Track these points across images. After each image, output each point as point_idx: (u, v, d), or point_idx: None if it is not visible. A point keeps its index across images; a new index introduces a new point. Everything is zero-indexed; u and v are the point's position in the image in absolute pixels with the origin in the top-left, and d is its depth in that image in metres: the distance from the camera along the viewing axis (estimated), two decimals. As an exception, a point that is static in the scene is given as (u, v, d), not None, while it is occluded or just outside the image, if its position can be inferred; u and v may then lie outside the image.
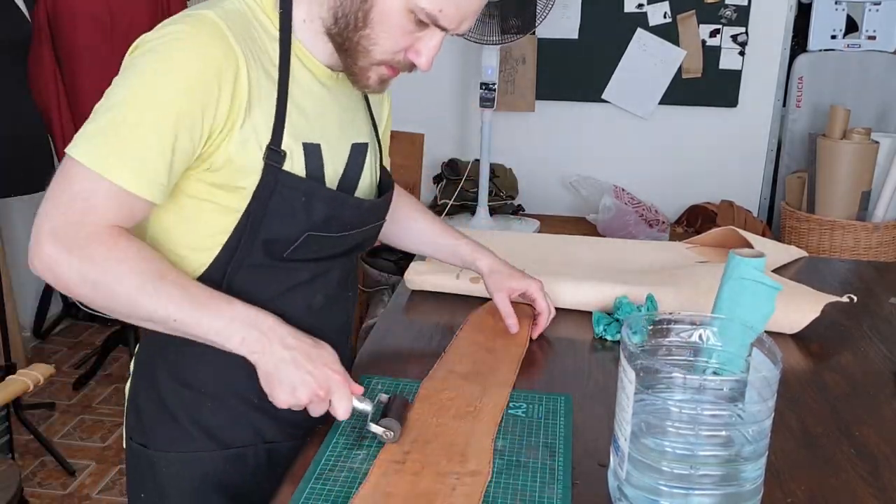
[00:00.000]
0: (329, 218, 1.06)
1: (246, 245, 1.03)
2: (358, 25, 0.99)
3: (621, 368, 0.88)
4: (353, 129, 1.13)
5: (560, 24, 3.04)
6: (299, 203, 1.03)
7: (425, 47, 1.01)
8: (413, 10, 0.97)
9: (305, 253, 1.07)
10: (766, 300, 1.07)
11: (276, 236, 1.04)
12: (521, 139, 3.22)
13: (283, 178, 1.01)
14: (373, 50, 1.01)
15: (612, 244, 1.86)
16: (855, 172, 2.71)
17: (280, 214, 1.02)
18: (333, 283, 1.14)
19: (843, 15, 3.05)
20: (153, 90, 0.93)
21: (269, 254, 1.05)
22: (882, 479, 0.98)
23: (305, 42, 1.05)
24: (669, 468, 0.84)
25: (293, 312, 1.07)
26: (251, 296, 1.02)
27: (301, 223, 1.04)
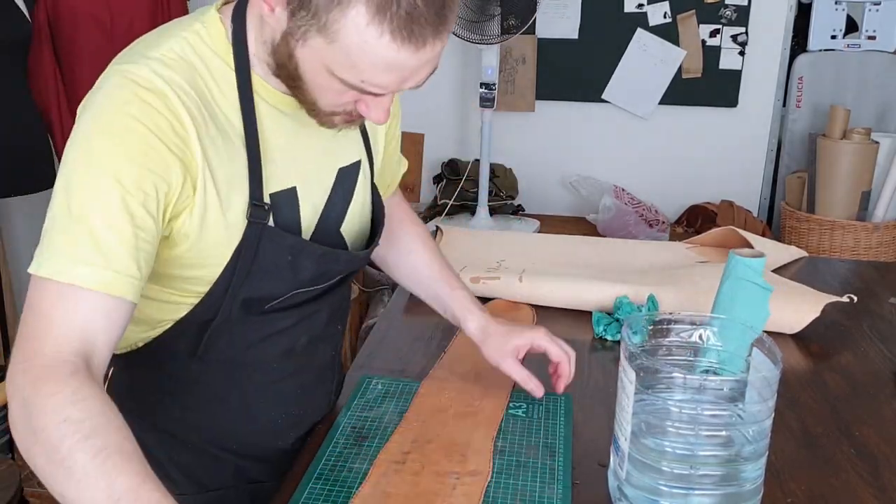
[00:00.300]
0: (319, 274, 0.98)
1: (225, 305, 0.94)
2: (293, 79, 0.86)
3: (621, 368, 0.88)
4: (339, 152, 1.03)
5: (560, 24, 3.04)
6: (285, 262, 0.94)
7: (373, 103, 0.87)
8: (334, 76, 0.83)
9: (289, 303, 0.99)
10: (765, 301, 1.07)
11: (258, 295, 0.95)
12: (521, 139, 3.22)
13: (268, 236, 0.91)
14: (317, 103, 0.88)
15: (612, 244, 1.86)
16: (855, 172, 2.71)
17: (266, 273, 0.93)
18: (321, 322, 1.06)
19: (843, 15, 3.05)
20: (91, 175, 0.80)
21: (248, 310, 0.96)
22: (882, 479, 0.98)
23: (263, 75, 0.91)
24: (669, 468, 0.84)
25: (273, 358, 1.01)
26: (229, 345, 0.97)
27: (288, 282, 0.96)
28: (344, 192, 1.03)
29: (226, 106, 0.89)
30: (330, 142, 1.00)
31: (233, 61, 0.89)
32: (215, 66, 0.89)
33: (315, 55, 0.81)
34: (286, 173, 0.94)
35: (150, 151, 0.81)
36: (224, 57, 0.90)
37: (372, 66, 0.80)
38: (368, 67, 0.80)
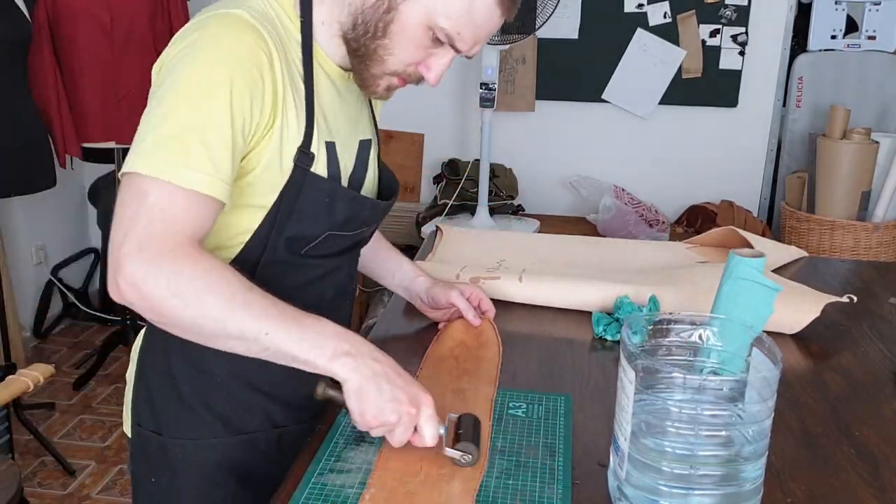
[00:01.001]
0: (349, 218, 1.10)
1: (272, 242, 1.05)
2: (377, 35, 1.01)
3: (621, 368, 0.88)
4: (360, 126, 1.17)
5: (560, 24, 3.04)
6: (323, 204, 1.06)
7: (436, 64, 1.04)
8: (432, 28, 1.00)
9: (322, 250, 1.10)
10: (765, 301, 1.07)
11: (299, 234, 1.06)
12: (521, 139, 3.22)
13: (310, 180, 1.04)
14: (387, 59, 1.03)
15: (612, 244, 1.86)
16: (855, 172, 2.71)
17: (305, 214, 1.05)
18: (343, 277, 1.19)
19: (843, 15, 3.05)
20: (203, 91, 0.92)
21: (290, 250, 1.07)
22: (882, 479, 0.98)
23: (321, 43, 1.07)
24: (669, 468, 0.84)
25: (307, 307, 1.04)
26: (272, 289, 1.00)
27: (323, 223, 1.07)
28: (362, 162, 1.15)
29: (296, 61, 1.04)
30: (356, 115, 1.15)
31: (298, 26, 1.04)
32: (288, 27, 1.04)
33: (424, 7, 0.98)
34: (328, 129, 1.08)
35: (254, 79, 0.95)
36: (292, 19, 1.05)
37: (470, 21, 0.99)
38: (468, 22, 0.99)
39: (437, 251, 1.70)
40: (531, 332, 1.39)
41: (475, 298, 1.36)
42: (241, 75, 0.94)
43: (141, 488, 1.16)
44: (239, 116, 0.94)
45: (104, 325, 3.67)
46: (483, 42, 1.04)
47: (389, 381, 0.93)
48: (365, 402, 0.91)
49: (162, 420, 1.12)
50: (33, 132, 2.73)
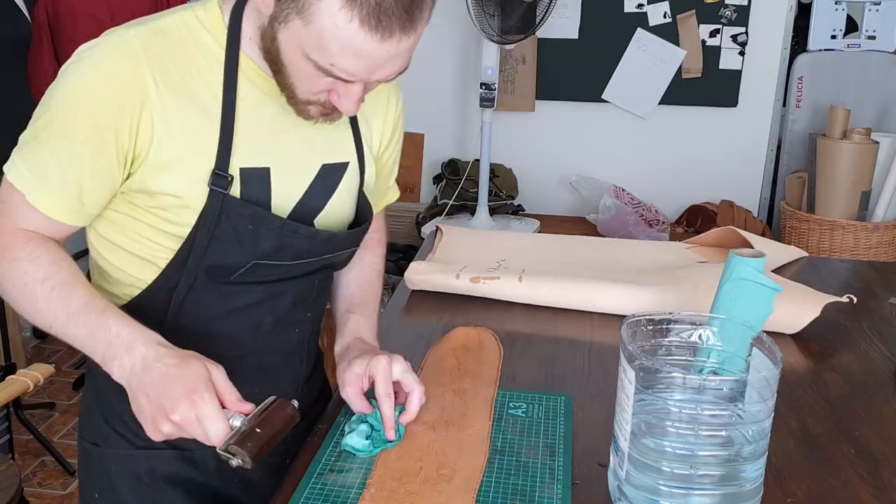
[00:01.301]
0: (279, 247, 1.01)
1: (189, 271, 1.00)
2: (274, 65, 0.94)
3: (621, 368, 0.88)
4: (326, 148, 1.06)
5: (560, 24, 3.04)
6: (246, 231, 0.99)
7: (345, 92, 0.93)
8: (309, 59, 0.89)
9: (253, 277, 1.03)
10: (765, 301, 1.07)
11: (220, 263, 1.00)
12: (521, 139, 3.22)
13: (229, 205, 0.97)
14: (294, 91, 0.95)
15: (612, 244, 1.86)
16: (855, 172, 2.71)
17: (226, 241, 0.99)
18: (285, 305, 1.09)
19: (843, 15, 3.05)
20: (66, 118, 0.93)
21: (213, 278, 1.01)
22: (882, 479, 0.98)
23: (254, 59, 0.98)
24: (669, 468, 0.84)
25: (238, 333, 1.05)
26: (196, 315, 1.01)
27: (248, 251, 1.00)
28: (325, 188, 1.06)
29: (211, 80, 0.96)
30: (317, 136, 1.05)
31: (224, 41, 0.97)
32: (205, 44, 0.97)
33: (293, 38, 0.88)
34: (262, 153, 1.00)
35: (115, 111, 0.91)
36: (216, 36, 0.97)
37: (341, 51, 0.86)
38: (338, 52, 0.86)
39: (437, 251, 1.70)
40: (531, 332, 1.39)
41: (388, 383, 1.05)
42: (101, 108, 0.92)
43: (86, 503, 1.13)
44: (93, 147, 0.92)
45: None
46: (389, 68, 0.90)
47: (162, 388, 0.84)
48: (140, 415, 0.87)
49: (99, 432, 1.10)
50: (33, 132, 2.73)
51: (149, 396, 0.85)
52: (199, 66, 0.96)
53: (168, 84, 0.94)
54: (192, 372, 0.86)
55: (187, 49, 0.96)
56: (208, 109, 0.96)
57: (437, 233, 1.84)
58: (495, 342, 1.31)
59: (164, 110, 0.93)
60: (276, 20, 0.88)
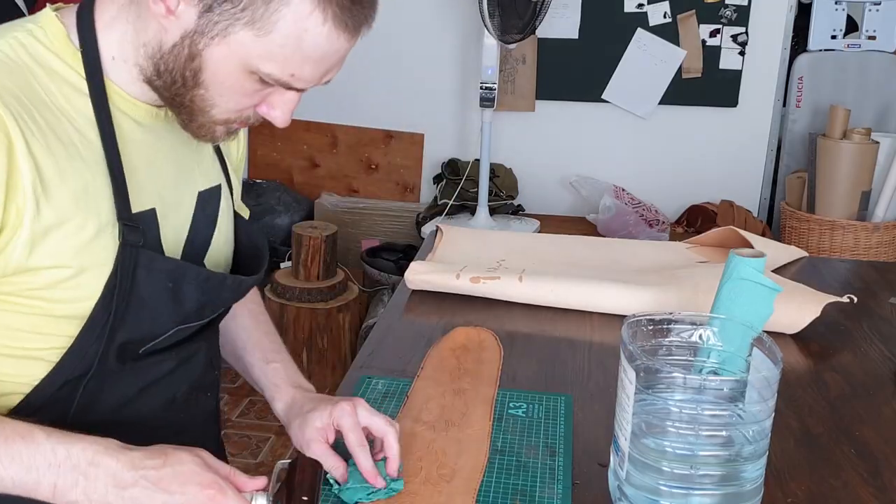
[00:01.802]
0: (204, 304, 0.89)
1: (92, 352, 0.83)
2: (188, 84, 0.80)
3: (621, 368, 0.88)
4: (199, 173, 0.94)
5: (560, 24, 3.04)
6: (165, 290, 0.84)
7: (280, 102, 0.84)
8: (256, 72, 0.79)
9: (167, 343, 0.89)
10: (765, 301, 1.07)
11: (134, 338, 0.85)
12: (521, 139, 3.22)
13: (145, 260, 0.82)
14: (211, 110, 0.83)
15: (612, 244, 1.86)
16: (855, 172, 2.71)
17: (142, 308, 0.83)
18: (199, 366, 0.97)
19: (843, 15, 3.05)
20: None
21: (122, 357, 0.85)
22: (882, 479, 0.98)
23: (119, 82, 0.84)
24: (669, 468, 0.84)
25: (152, 411, 0.90)
26: (102, 404, 0.86)
27: (168, 316, 0.86)
28: (206, 219, 0.94)
29: (73, 114, 0.81)
30: (188, 161, 0.93)
31: (80, 66, 0.82)
32: (56, 69, 0.81)
33: (234, 52, 0.78)
34: (145, 192, 0.86)
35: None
36: (66, 59, 0.82)
37: (306, 58, 0.78)
38: (302, 59, 0.78)
39: (437, 251, 1.70)
40: (531, 332, 1.39)
41: None
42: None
43: None
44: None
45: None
46: (337, 69, 0.83)
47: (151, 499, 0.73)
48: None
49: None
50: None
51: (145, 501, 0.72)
52: (58, 100, 0.80)
53: (33, 130, 0.76)
54: (188, 465, 0.75)
55: (38, 80, 0.79)
56: (81, 151, 0.80)
57: (437, 233, 1.84)
58: (495, 342, 1.31)
59: (36, 165, 0.75)
60: (200, 35, 0.77)
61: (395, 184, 3.33)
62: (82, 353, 0.83)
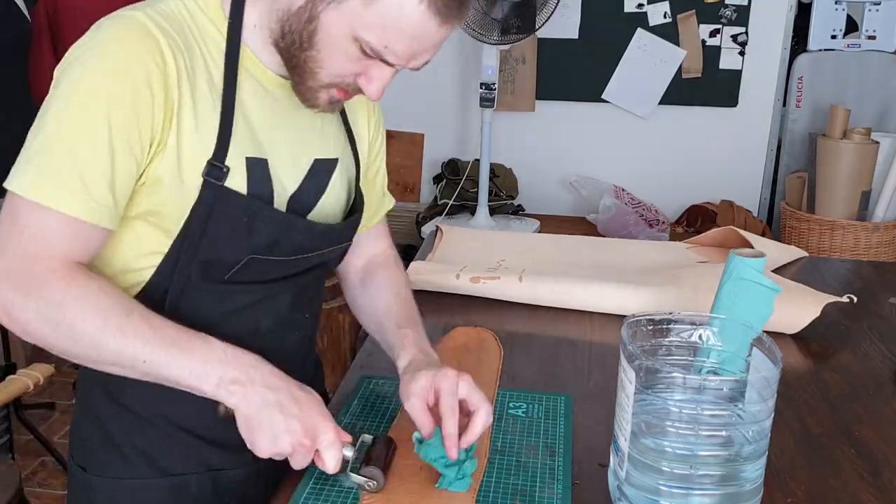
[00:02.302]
0: (275, 241, 0.98)
1: (183, 267, 0.95)
2: (303, 45, 0.91)
3: (621, 368, 0.88)
4: (318, 143, 1.05)
5: (560, 24, 3.04)
6: (241, 224, 0.95)
7: (377, 76, 0.93)
8: (358, 40, 0.89)
9: (249, 276, 0.99)
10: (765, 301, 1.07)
11: (214, 258, 0.96)
12: (521, 139, 3.22)
13: (224, 196, 0.93)
14: (319, 72, 0.93)
15: (612, 244, 1.86)
16: (855, 172, 2.71)
17: (220, 235, 0.94)
18: (284, 305, 1.06)
19: (843, 15, 3.05)
20: (84, 106, 0.86)
21: (207, 277, 0.97)
22: (882, 479, 0.98)
23: (255, 49, 0.97)
24: (669, 468, 0.84)
25: (237, 336, 0.98)
26: (190, 319, 0.95)
27: (243, 245, 0.96)
28: (317, 184, 1.04)
29: (213, 68, 0.94)
30: (309, 132, 1.04)
31: (225, 29, 0.95)
32: (207, 30, 0.95)
33: (344, 17, 0.87)
34: (259, 145, 0.97)
35: (139, 93, 0.87)
36: (217, 23, 0.95)
37: (400, 33, 0.87)
38: (396, 33, 0.87)
39: (437, 251, 1.70)
40: (531, 332, 1.39)
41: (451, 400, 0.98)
42: (122, 92, 0.86)
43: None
44: (120, 136, 0.86)
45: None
46: (425, 54, 0.92)
47: (283, 410, 0.87)
48: (255, 433, 0.87)
49: (87, 456, 1.05)
50: (33, 132, 2.73)
51: (284, 413, 0.86)
52: (202, 52, 0.94)
53: (182, 66, 0.90)
54: (315, 400, 0.90)
55: (192, 34, 0.93)
56: (209, 99, 0.93)
57: (437, 233, 1.84)
58: (495, 342, 1.31)
59: (179, 93, 0.90)
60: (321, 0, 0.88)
61: (395, 184, 3.32)
62: (173, 263, 0.95)
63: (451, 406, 0.94)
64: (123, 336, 0.85)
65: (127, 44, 0.87)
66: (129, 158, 0.88)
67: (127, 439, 1.02)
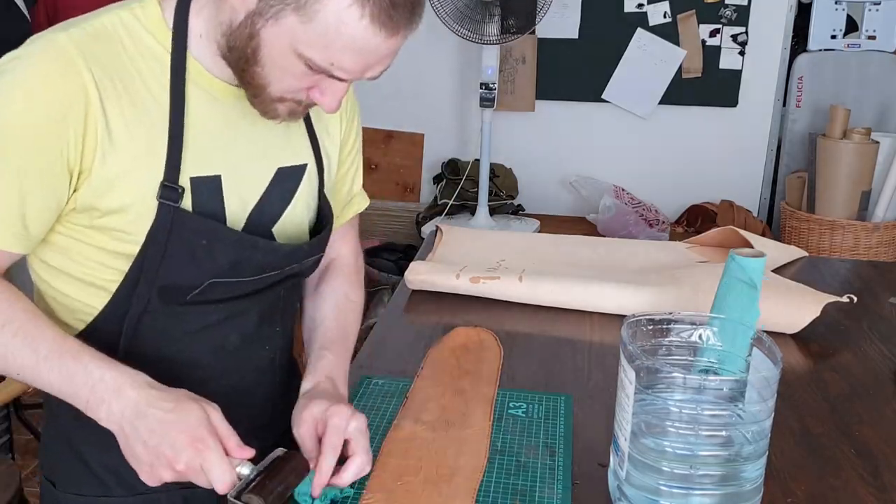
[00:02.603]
0: (236, 263, 0.95)
1: (142, 291, 0.93)
2: (249, 60, 0.88)
3: (621, 368, 0.88)
4: (282, 150, 1.01)
5: (560, 24, 3.04)
6: (200, 247, 0.92)
7: (330, 89, 0.89)
8: (302, 57, 0.85)
9: (212, 296, 0.97)
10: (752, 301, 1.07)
11: (173, 284, 0.94)
12: (521, 139, 3.22)
13: (181, 219, 0.91)
14: (267, 87, 0.89)
15: (612, 244, 1.86)
16: (855, 172, 2.71)
17: (179, 259, 0.92)
18: (252, 321, 1.03)
19: (843, 15, 3.05)
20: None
21: (167, 300, 0.95)
22: (882, 479, 0.98)
23: (202, 59, 0.93)
24: (669, 468, 0.84)
25: (201, 356, 0.98)
26: (153, 340, 0.95)
27: (203, 269, 0.94)
28: (282, 193, 1.01)
29: (154, 85, 0.91)
30: (271, 139, 1.00)
31: (169, 42, 0.91)
32: (146, 45, 0.91)
33: (284, 35, 0.83)
34: (211, 160, 0.94)
35: (51, 128, 0.85)
36: (158, 37, 0.92)
37: (344, 48, 0.83)
38: (340, 49, 0.83)
39: (437, 251, 1.70)
40: (531, 332, 1.39)
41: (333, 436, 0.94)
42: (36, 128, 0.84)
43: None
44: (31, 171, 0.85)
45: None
46: (381, 65, 0.88)
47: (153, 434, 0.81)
48: (130, 459, 0.83)
49: (57, 473, 1.04)
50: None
51: (146, 444, 0.81)
52: (141, 70, 0.90)
53: (109, 91, 0.87)
54: (193, 417, 0.82)
55: (127, 52, 0.90)
56: (153, 117, 0.90)
57: (437, 233, 1.84)
58: (495, 342, 1.31)
59: (106, 120, 0.87)
60: (259, 16, 0.83)
61: (395, 184, 3.32)
62: (131, 288, 0.93)
63: (335, 444, 0.90)
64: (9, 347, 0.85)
65: (44, 74, 0.85)
66: (41, 193, 0.87)
67: (96, 458, 1.00)
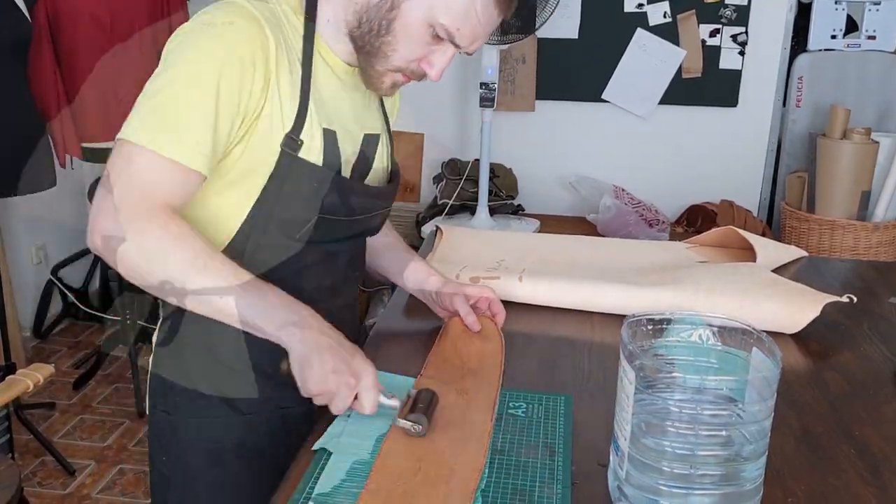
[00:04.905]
0: (339, 203, 1.14)
1: (262, 224, 1.11)
2: (381, 32, 1.08)
3: (621, 368, 0.88)
4: (366, 120, 1.22)
5: (560, 24, 3.04)
6: (311, 188, 1.11)
7: (438, 60, 1.11)
8: (432, 25, 1.07)
9: (317, 235, 1.15)
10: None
11: (290, 218, 1.12)
12: (521, 139, 3.22)
13: (297, 165, 1.09)
14: (391, 56, 1.10)
15: (611, 244, 1.86)
16: (855, 172, 2.71)
17: (293, 198, 1.10)
18: (342, 264, 1.24)
19: (843, 15, 3.05)
20: (195, 71, 1.01)
21: (283, 233, 1.13)
22: (882, 479, 0.98)
23: (327, 40, 1.14)
24: (669, 468, 0.84)
25: (305, 291, 1.12)
26: (267, 275, 1.08)
27: (313, 207, 1.12)
28: (367, 155, 1.22)
29: (295, 50, 1.11)
30: (360, 110, 1.22)
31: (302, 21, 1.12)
32: (291, 20, 1.12)
33: (424, 5, 1.06)
34: (329, 118, 1.13)
35: (245, 65, 1.02)
36: (298, 16, 1.13)
37: (469, 17, 1.06)
38: (466, 18, 1.06)
39: (437, 251, 1.70)
40: (531, 332, 1.39)
41: (483, 303, 1.35)
42: (232, 61, 1.01)
43: (155, 468, 1.25)
44: (225, 98, 1.01)
45: (104, 324, 3.67)
46: (483, 39, 1.10)
47: (333, 352, 0.98)
48: (308, 371, 0.98)
49: (174, 402, 1.21)
50: (33, 132, 2.73)
51: (334, 355, 0.98)
52: (287, 37, 1.09)
53: (278, 50, 1.06)
54: (358, 350, 1.03)
55: (280, 21, 1.09)
56: (290, 78, 1.08)
57: (437, 233, 1.84)
58: (495, 329, 1.32)
59: (277, 70, 1.06)
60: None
61: (395, 184, 3.32)
62: (253, 221, 1.11)
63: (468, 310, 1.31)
64: (207, 274, 0.99)
65: (237, 23, 1.03)
66: (227, 124, 1.03)
67: (210, 385, 1.18)
